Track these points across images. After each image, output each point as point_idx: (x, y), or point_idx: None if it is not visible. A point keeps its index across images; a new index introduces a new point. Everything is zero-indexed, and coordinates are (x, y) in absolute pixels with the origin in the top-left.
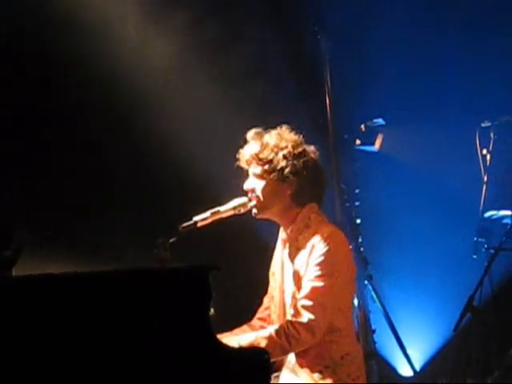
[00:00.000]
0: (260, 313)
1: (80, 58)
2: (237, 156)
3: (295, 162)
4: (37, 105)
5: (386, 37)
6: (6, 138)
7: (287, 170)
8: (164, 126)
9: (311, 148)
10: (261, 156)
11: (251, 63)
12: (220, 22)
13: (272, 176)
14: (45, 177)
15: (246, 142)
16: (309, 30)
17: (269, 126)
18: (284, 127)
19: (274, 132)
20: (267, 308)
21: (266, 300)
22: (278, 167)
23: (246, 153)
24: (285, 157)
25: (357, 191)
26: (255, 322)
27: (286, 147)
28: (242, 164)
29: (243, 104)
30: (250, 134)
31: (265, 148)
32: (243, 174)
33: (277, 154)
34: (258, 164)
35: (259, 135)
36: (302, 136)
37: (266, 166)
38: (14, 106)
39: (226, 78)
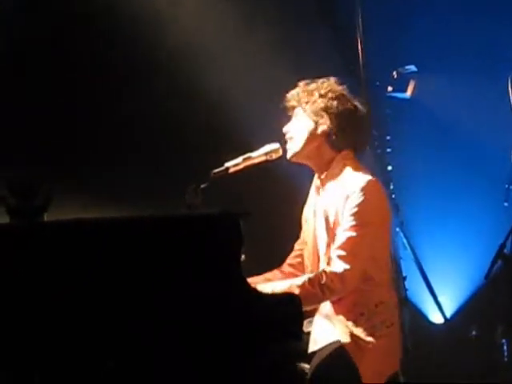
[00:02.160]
0: (290, 259)
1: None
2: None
3: (330, 101)
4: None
5: None
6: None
7: (320, 106)
8: (199, 74)
9: (358, 99)
10: (300, 96)
11: (284, 11)
12: None
13: (306, 113)
14: (76, 127)
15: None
16: None
17: (301, 73)
18: (332, 78)
19: (320, 80)
20: (298, 256)
21: (296, 247)
22: (312, 102)
23: (289, 96)
24: (321, 95)
25: (388, 138)
26: (285, 267)
27: (324, 88)
28: (289, 109)
29: (277, 52)
30: (302, 82)
31: (305, 90)
32: (278, 121)
33: (314, 94)
34: (296, 105)
35: (308, 82)
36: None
37: (303, 105)
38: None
39: (260, 27)
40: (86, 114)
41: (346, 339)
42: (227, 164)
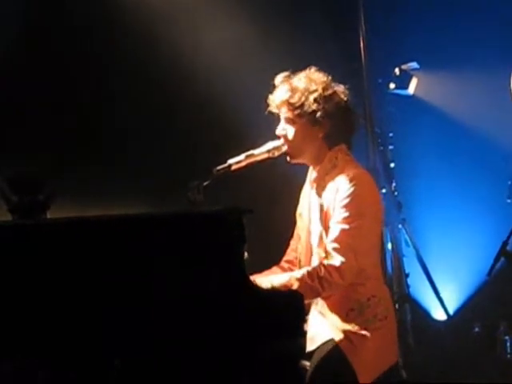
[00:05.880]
0: (287, 255)
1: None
2: (267, 101)
3: (326, 105)
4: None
5: None
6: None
7: (319, 114)
8: (200, 71)
9: (341, 88)
10: (291, 101)
11: (284, 8)
12: None
13: (304, 120)
14: (78, 125)
15: (274, 86)
16: None
17: (303, 70)
18: (312, 69)
19: (302, 75)
20: (294, 250)
21: (292, 242)
22: (310, 111)
23: (276, 98)
24: (316, 100)
25: (391, 135)
26: (283, 263)
27: (317, 90)
28: (273, 109)
29: (277, 50)
30: (278, 78)
31: (295, 92)
32: (276, 119)
33: (307, 98)
34: (288, 109)
35: (288, 79)
36: (330, 77)
37: (297, 111)
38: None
39: (262, 23)
40: (89, 112)
41: (339, 336)
42: (230, 161)
